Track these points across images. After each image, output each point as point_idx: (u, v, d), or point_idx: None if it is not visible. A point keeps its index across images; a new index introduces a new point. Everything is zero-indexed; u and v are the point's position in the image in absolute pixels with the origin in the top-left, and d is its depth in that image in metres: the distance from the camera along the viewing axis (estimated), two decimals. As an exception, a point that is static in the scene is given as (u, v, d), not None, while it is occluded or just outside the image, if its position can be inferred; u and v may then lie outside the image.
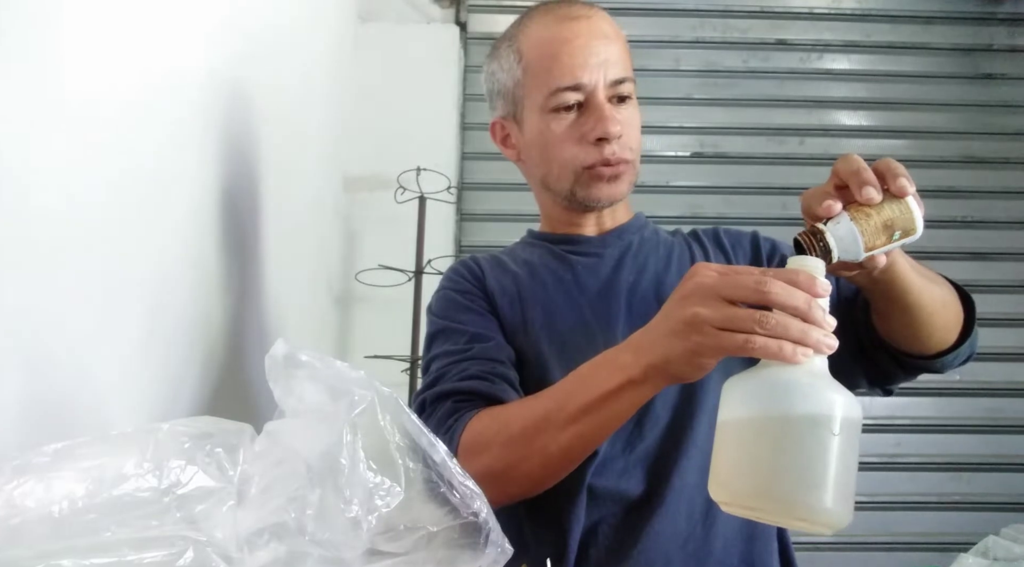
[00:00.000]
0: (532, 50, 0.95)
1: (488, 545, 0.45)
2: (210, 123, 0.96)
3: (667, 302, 0.66)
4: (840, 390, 0.56)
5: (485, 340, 0.91)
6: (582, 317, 0.93)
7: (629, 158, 0.94)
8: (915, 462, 2.17)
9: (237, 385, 1.05)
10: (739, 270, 0.62)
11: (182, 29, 0.86)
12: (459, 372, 0.88)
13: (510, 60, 0.97)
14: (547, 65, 0.92)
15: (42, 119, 0.58)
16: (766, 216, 2.31)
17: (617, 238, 1.01)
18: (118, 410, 0.71)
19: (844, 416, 0.55)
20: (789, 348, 0.56)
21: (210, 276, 0.96)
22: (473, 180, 2.36)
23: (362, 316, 2.16)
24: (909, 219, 0.64)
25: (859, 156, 0.66)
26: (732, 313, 0.59)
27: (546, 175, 0.98)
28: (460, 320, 0.94)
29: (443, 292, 0.99)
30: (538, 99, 0.94)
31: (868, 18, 2.52)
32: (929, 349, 0.84)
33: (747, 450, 0.56)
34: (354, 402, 0.43)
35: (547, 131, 0.94)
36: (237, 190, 1.06)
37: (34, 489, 0.38)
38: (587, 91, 0.91)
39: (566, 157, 0.94)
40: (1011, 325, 2.30)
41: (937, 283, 0.82)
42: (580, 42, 0.91)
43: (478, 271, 1.00)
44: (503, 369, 0.88)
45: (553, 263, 1.00)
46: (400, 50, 2.35)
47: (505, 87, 0.99)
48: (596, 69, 0.91)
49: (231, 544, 0.40)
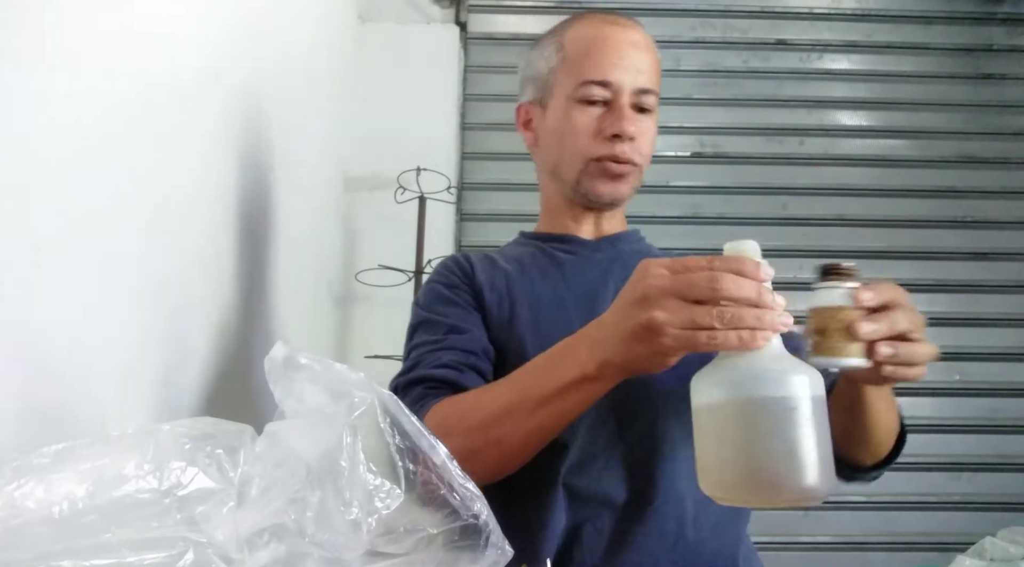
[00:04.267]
0: (573, 42, 0.99)
1: (488, 547, 0.45)
2: (210, 123, 0.96)
3: (621, 301, 0.67)
4: (804, 369, 0.59)
5: (462, 332, 0.93)
6: (567, 316, 0.94)
7: (637, 161, 0.98)
8: (915, 462, 2.17)
9: (237, 385, 1.05)
10: (688, 265, 0.63)
11: (183, 29, 0.86)
12: (432, 361, 0.90)
13: (550, 49, 1.02)
14: (583, 58, 0.97)
15: (42, 119, 0.58)
16: (766, 216, 2.31)
17: (610, 244, 1.03)
18: (118, 411, 0.71)
19: (813, 395, 0.57)
20: (748, 335, 0.59)
21: (210, 276, 0.96)
22: (473, 180, 2.36)
23: (362, 316, 2.16)
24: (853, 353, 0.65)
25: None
26: (691, 313, 0.61)
27: (557, 163, 1.01)
28: (441, 312, 0.96)
29: (430, 285, 1.02)
30: (568, 88, 0.98)
31: (868, 18, 2.52)
32: (854, 462, 0.88)
33: (729, 443, 0.58)
34: (354, 404, 0.44)
35: (568, 119, 0.98)
36: (237, 190, 1.06)
37: (35, 490, 0.38)
38: (614, 90, 0.96)
39: (579, 146, 0.97)
40: (1011, 325, 2.30)
41: (892, 413, 0.85)
42: (618, 45, 0.96)
43: (467, 266, 1.02)
44: (475, 360, 0.90)
45: (542, 260, 1.02)
46: (400, 50, 2.35)
47: (539, 73, 1.03)
48: (626, 72, 0.95)
49: (231, 545, 0.40)
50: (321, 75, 1.79)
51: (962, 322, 2.29)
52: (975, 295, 2.33)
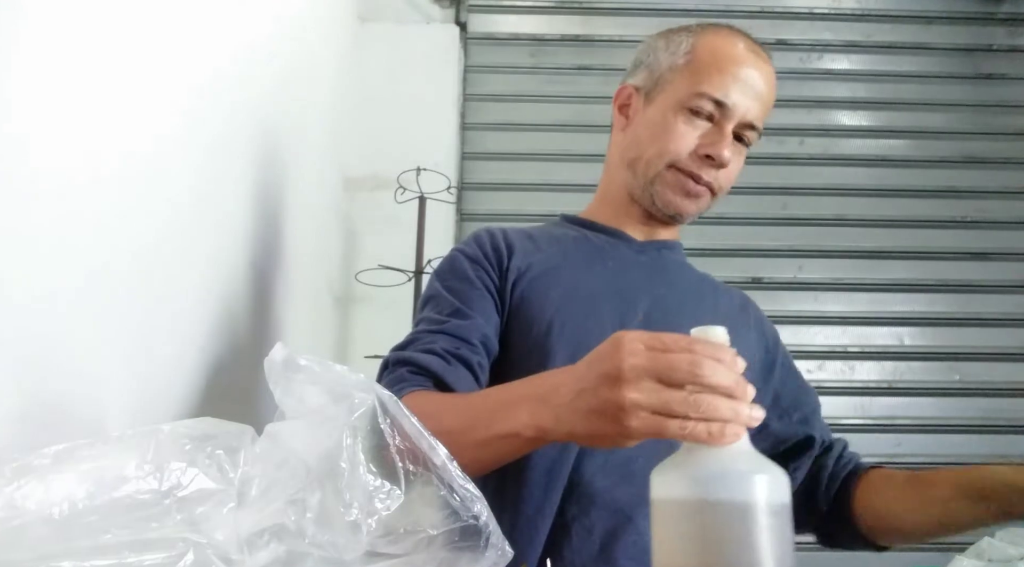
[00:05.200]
0: (706, 50, 0.98)
1: (488, 548, 0.45)
2: (210, 123, 0.96)
3: (588, 370, 0.62)
4: (770, 469, 0.54)
5: (464, 317, 0.91)
6: (597, 311, 0.93)
7: (715, 189, 0.98)
8: (915, 462, 2.17)
9: (238, 385, 1.05)
10: (668, 345, 0.58)
11: (183, 29, 0.86)
12: (426, 343, 0.89)
13: (681, 47, 1.01)
14: (710, 69, 0.96)
15: (42, 118, 0.58)
16: (766, 216, 2.30)
17: (656, 250, 1.03)
18: (118, 411, 0.71)
19: (775, 501, 0.53)
20: (718, 429, 0.54)
21: (211, 276, 0.96)
22: (473, 180, 2.36)
23: (362, 316, 2.16)
24: None
25: None
26: (668, 398, 0.56)
27: (639, 157, 1.00)
28: (453, 289, 0.95)
29: (454, 253, 1.00)
30: (681, 92, 0.97)
31: (868, 18, 2.52)
32: (889, 543, 0.92)
33: (685, 542, 0.53)
34: (354, 405, 0.44)
35: (671, 123, 0.97)
36: (237, 190, 1.06)
37: (34, 491, 0.38)
38: (726, 113, 0.95)
39: (669, 149, 0.96)
40: (1011, 325, 2.30)
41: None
42: (748, 72, 0.96)
43: (502, 247, 0.99)
44: (467, 352, 0.88)
45: (587, 248, 1.01)
46: (400, 50, 2.35)
47: (659, 63, 1.02)
48: (744, 99, 0.95)
49: (231, 546, 0.40)
50: (321, 75, 1.79)
51: (962, 322, 2.29)
52: (975, 295, 2.32)
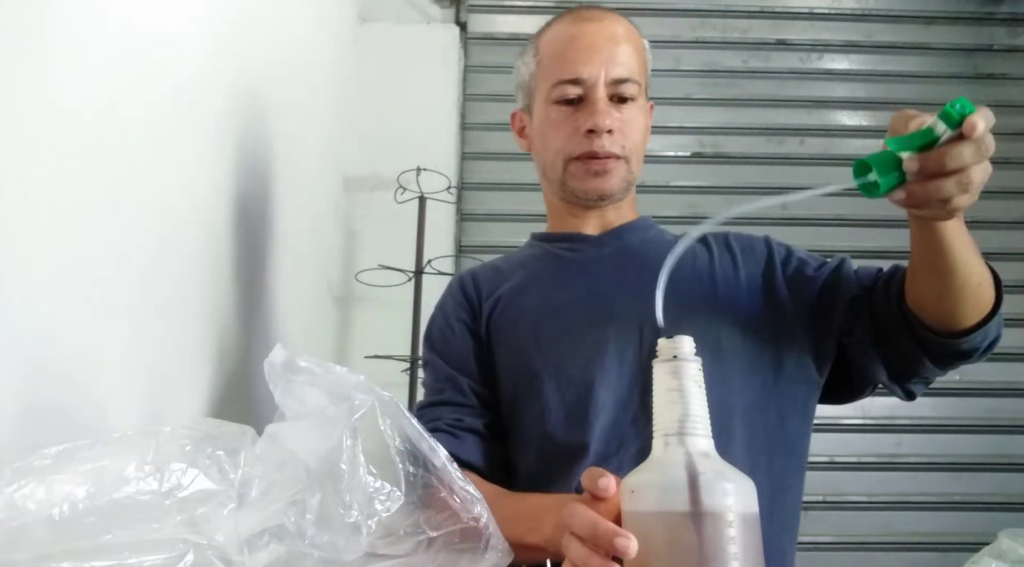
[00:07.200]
0: (546, 46, 1.01)
1: (488, 550, 0.45)
2: (210, 122, 0.96)
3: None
4: (737, 478, 0.54)
5: (455, 384, 0.96)
6: (569, 322, 0.95)
7: (619, 154, 0.97)
8: (915, 462, 2.17)
9: (238, 386, 1.05)
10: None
11: (183, 29, 0.86)
12: (430, 420, 0.93)
13: (530, 55, 1.04)
14: (555, 58, 0.98)
15: (42, 118, 0.58)
16: (766, 216, 2.29)
17: (616, 238, 1.03)
18: (119, 412, 0.71)
19: (741, 511, 0.53)
20: None
21: (211, 276, 0.96)
22: (473, 180, 2.36)
23: (362, 316, 2.16)
24: None
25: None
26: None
27: (545, 164, 1.03)
28: (442, 354, 1.00)
29: (435, 313, 1.06)
30: (544, 90, 1.00)
31: (868, 18, 2.52)
32: (955, 323, 0.82)
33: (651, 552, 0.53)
34: (354, 406, 0.43)
35: (547, 121, 0.99)
36: (237, 190, 1.06)
37: (35, 492, 0.38)
38: (586, 86, 0.96)
39: (558, 146, 0.98)
40: (1011, 325, 2.28)
41: (978, 259, 0.82)
42: (587, 40, 0.97)
43: (471, 290, 1.03)
44: (471, 421, 0.93)
45: (549, 263, 1.02)
46: (400, 50, 2.35)
47: (523, 80, 1.05)
48: (598, 66, 0.95)
49: (231, 547, 0.40)
50: (321, 75, 1.79)
51: (962, 322, 2.29)
52: (975, 295, 2.32)
